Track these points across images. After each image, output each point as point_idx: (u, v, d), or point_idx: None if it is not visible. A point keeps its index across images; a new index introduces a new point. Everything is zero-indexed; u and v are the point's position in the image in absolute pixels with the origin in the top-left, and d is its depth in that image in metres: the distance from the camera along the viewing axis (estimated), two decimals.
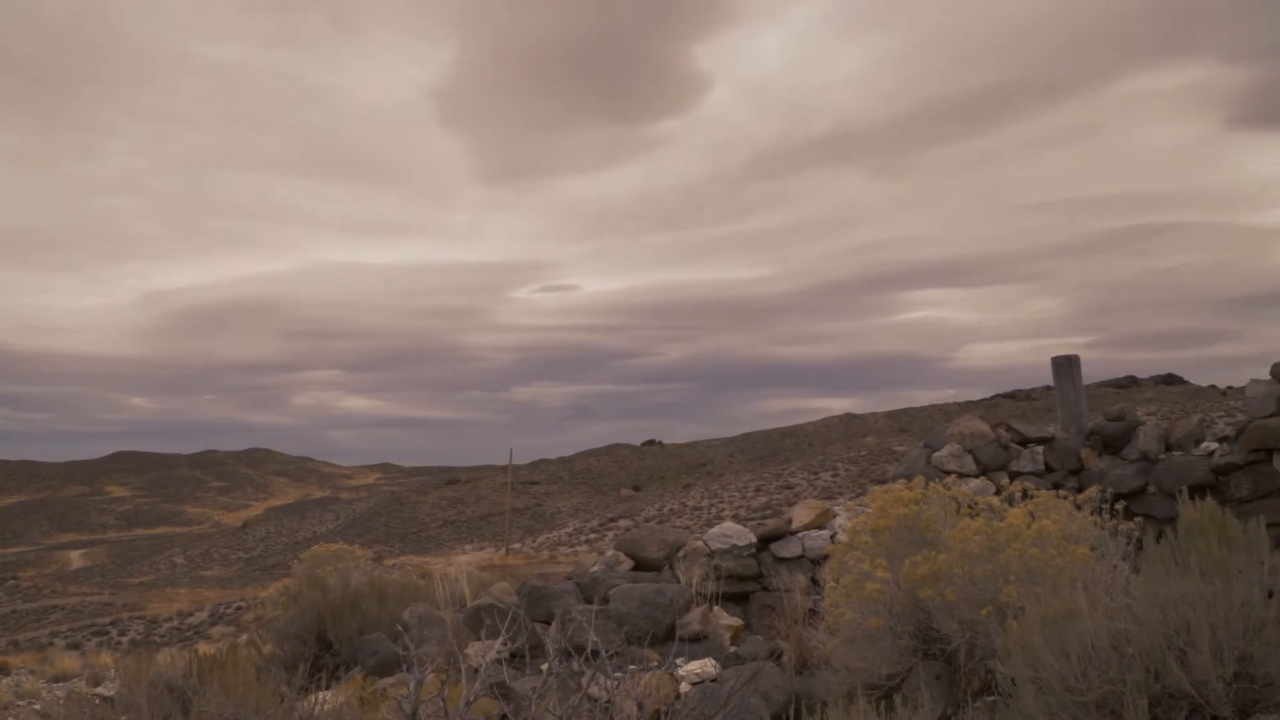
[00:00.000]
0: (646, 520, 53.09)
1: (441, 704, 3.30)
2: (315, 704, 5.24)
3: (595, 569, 8.90)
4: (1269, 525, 8.62)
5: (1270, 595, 3.95)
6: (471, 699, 3.31)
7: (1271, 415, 8.91)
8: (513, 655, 7.00)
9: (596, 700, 3.86)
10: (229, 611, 42.47)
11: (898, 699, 4.76)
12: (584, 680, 3.79)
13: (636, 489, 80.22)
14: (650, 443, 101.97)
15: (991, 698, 4.72)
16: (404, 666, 3.66)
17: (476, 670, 6.01)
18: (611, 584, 8.06)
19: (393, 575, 13.25)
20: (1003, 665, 4.15)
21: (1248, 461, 9.03)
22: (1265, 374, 9.22)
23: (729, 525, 9.26)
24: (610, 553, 9.24)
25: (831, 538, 8.94)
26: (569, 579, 8.55)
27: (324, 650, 9.27)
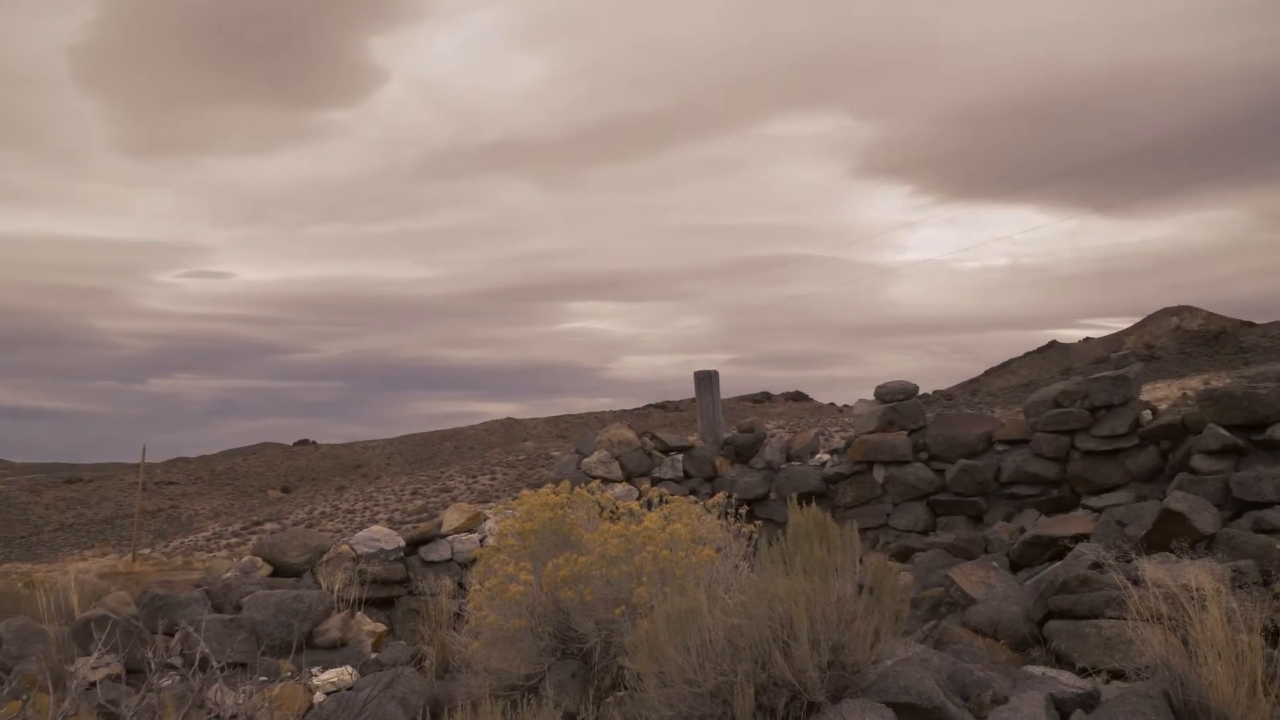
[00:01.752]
0: (295, 524, 50.59)
1: None
2: None
3: (229, 575, 8.37)
4: (867, 529, 9.74)
5: (862, 590, 4.44)
6: (60, 718, 2.97)
7: (874, 431, 10.05)
8: (130, 671, 6.42)
9: (211, 714, 3.62)
10: None
11: (533, 699, 4.86)
12: (198, 695, 3.54)
13: (286, 491, 76.24)
14: (303, 442, 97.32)
15: (622, 693, 4.94)
16: None
17: (89, 688, 5.44)
18: (246, 591, 7.61)
19: None
20: (631, 661, 4.36)
21: (853, 472, 10.12)
22: (871, 395, 10.39)
23: (377, 529, 9.06)
24: (246, 558, 8.73)
25: (481, 541, 8.99)
26: (198, 586, 7.97)
27: None
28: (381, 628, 7.67)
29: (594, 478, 10.09)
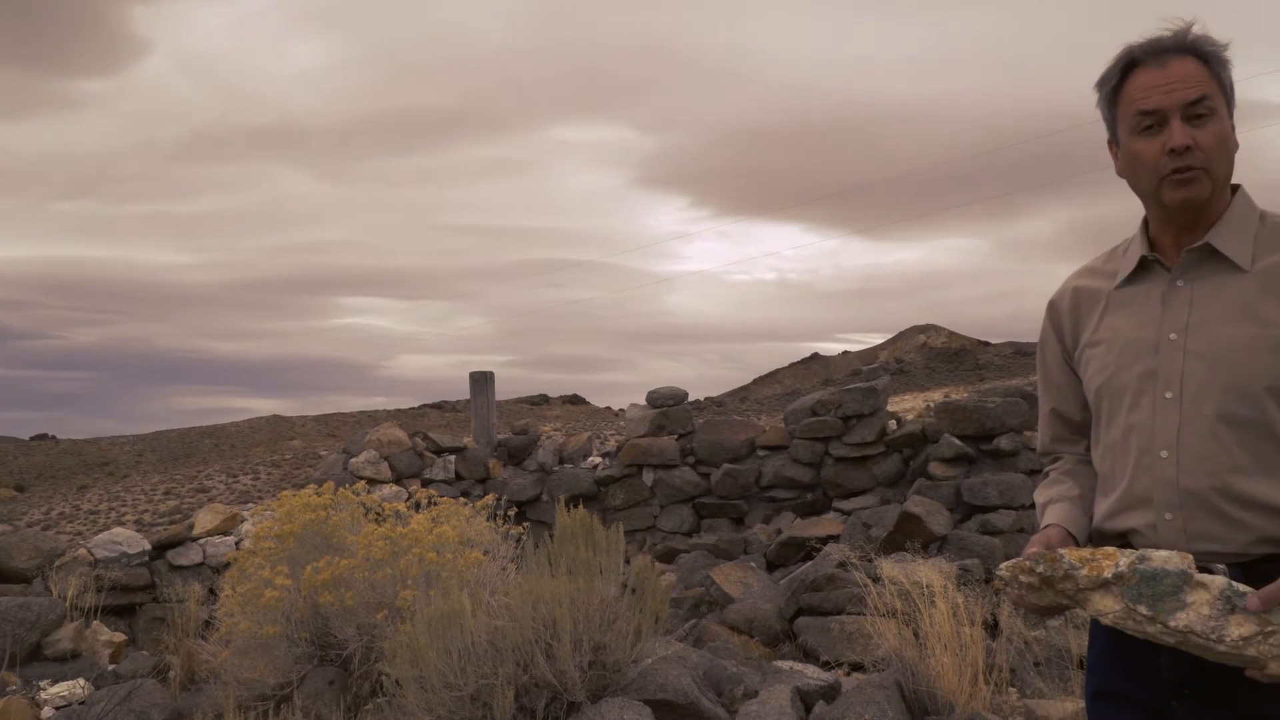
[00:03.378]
0: (30, 525, 46.34)
1: None
2: None
3: None
4: (636, 530, 9.97)
5: (626, 590, 4.55)
6: None
7: (644, 436, 10.31)
8: None
9: None
10: None
11: (284, 708, 4.69)
12: None
13: (19, 490, 69.66)
14: (41, 437, 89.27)
15: (381, 699, 4.84)
16: None
17: None
18: None
19: None
20: (391, 666, 4.28)
21: (624, 474, 10.34)
22: (644, 400, 10.65)
23: (120, 531, 8.46)
24: None
25: (237, 544, 8.57)
26: None
27: None
28: (121, 637, 7.16)
29: (361, 478, 9.84)
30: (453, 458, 10.75)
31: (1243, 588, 1.57)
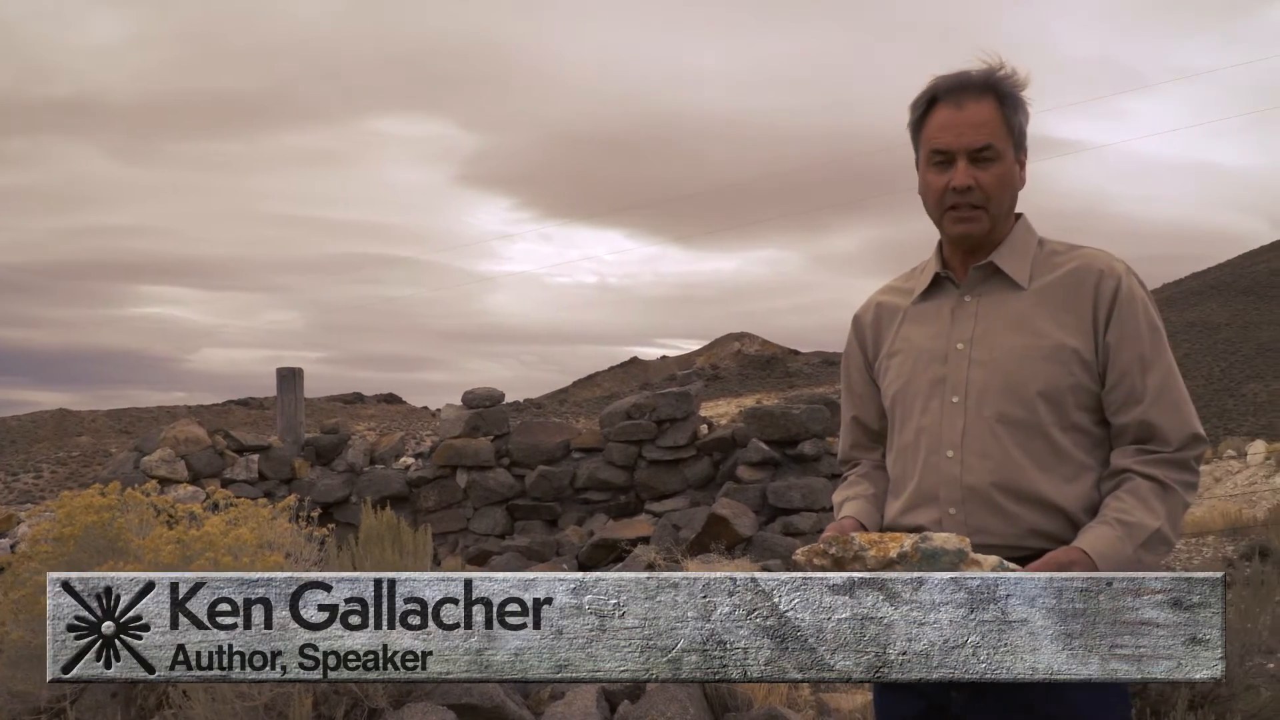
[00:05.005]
0: None
1: None
2: None
3: None
4: (448, 532, 9.86)
5: None
6: None
7: (459, 436, 10.21)
8: None
9: None
10: None
11: None
12: None
13: None
14: None
15: (168, 711, 4.61)
16: None
17: None
18: None
19: None
20: None
21: (437, 476, 10.21)
22: (460, 400, 10.54)
23: None
24: None
25: (12, 547, 7.99)
26: None
27: None
28: None
29: (154, 478, 9.32)
30: (256, 457, 10.33)
31: (1014, 565, 1.72)
